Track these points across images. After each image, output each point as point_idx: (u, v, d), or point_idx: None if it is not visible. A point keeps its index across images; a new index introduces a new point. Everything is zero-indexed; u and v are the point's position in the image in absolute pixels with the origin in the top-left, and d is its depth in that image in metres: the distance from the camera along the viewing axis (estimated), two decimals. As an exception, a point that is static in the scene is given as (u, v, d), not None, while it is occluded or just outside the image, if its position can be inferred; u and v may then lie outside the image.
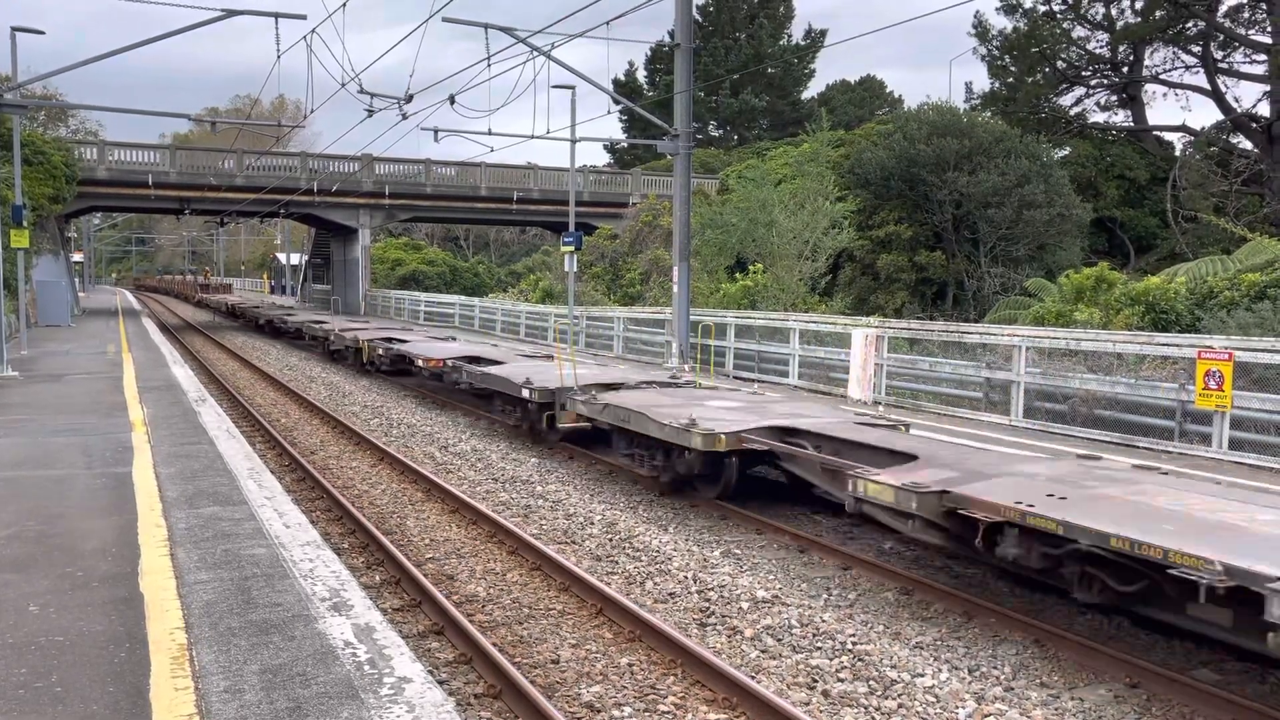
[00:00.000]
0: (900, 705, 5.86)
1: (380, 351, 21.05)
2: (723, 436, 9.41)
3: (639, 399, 11.67)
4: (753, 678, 6.09)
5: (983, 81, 70.47)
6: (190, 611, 5.34)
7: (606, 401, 11.47)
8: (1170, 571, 5.52)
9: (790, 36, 65.47)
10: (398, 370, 20.79)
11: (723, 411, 10.80)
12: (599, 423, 11.65)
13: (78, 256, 65.33)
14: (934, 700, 5.90)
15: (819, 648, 6.71)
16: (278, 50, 18.30)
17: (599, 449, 13.03)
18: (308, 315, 31.83)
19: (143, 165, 40.55)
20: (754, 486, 10.78)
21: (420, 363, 17.81)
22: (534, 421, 13.38)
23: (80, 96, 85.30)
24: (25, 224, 20.51)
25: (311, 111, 21.63)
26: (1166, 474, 8.09)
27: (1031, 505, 6.46)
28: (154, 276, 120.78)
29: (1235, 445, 11.38)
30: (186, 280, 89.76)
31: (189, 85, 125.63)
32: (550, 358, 18.41)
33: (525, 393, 13.00)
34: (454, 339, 23.94)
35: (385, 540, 8.91)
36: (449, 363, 16.87)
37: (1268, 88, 38.28)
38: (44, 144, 33.49)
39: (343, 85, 19.53)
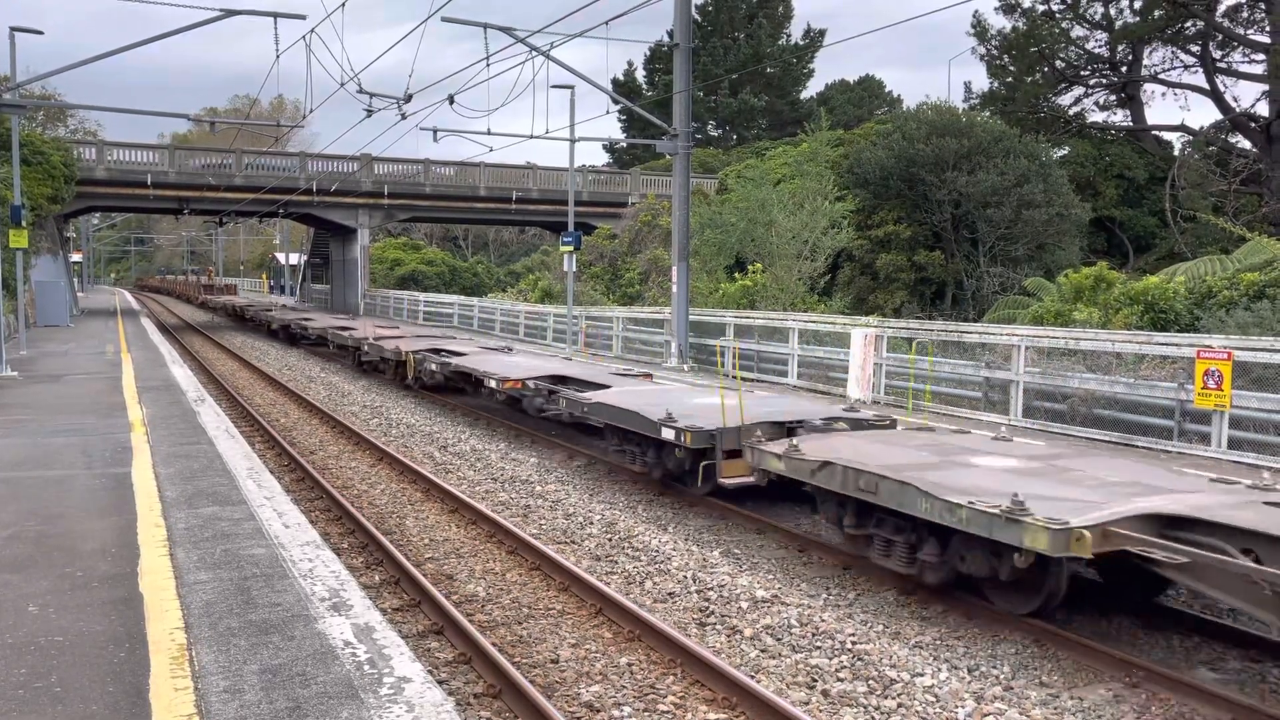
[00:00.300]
0: (900, 705, 5.86)
1: (432, 367, 17.43)
2: (1086, 534, 5.98)
3: (871, 453, 8.18)
4: (752, 677, 6.09)
5: (982, 81, 70.55)
6: (190, 611, 5.34)
7: (825, 459, 7.89)
8: None
9: (789, 36, 65.50)
10: (451, 388, 17.79)
11: (1011, 479, 7.33)
12: (804, 483, 8.28)
13: (76, 257, 65.26)
14: (933, 700, 5.91)
15: (818, 647, 6.71)
16: (276, 50, 18.30)
17: (781, 510, 10.21)
18: (329, 320, 30.09)
19: (141, 165, 40.53)
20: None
21: (494, 384, 14.47)
22: (679, 471, 10.31)
23: (79, 97, 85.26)
24: (24, 224, 20.51)
25: (310, 111, 21.62)
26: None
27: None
28: (154, 277, 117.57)
29: (1234, 444, 11.39)
30: (188, 281, 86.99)
31: (188, 85, 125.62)
32: (649, 376, 15.67)
33: (668, 433, 9.83)
34: (510, 349, 20.79)
35: (384, 540, 8.91)
36: (531, 384, 13.88)
37: (1266, 87, 38.28)
38: (43, 144, 33.47)
39: (342, 85, 19.55)
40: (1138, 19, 40.42)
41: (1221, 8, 39.01)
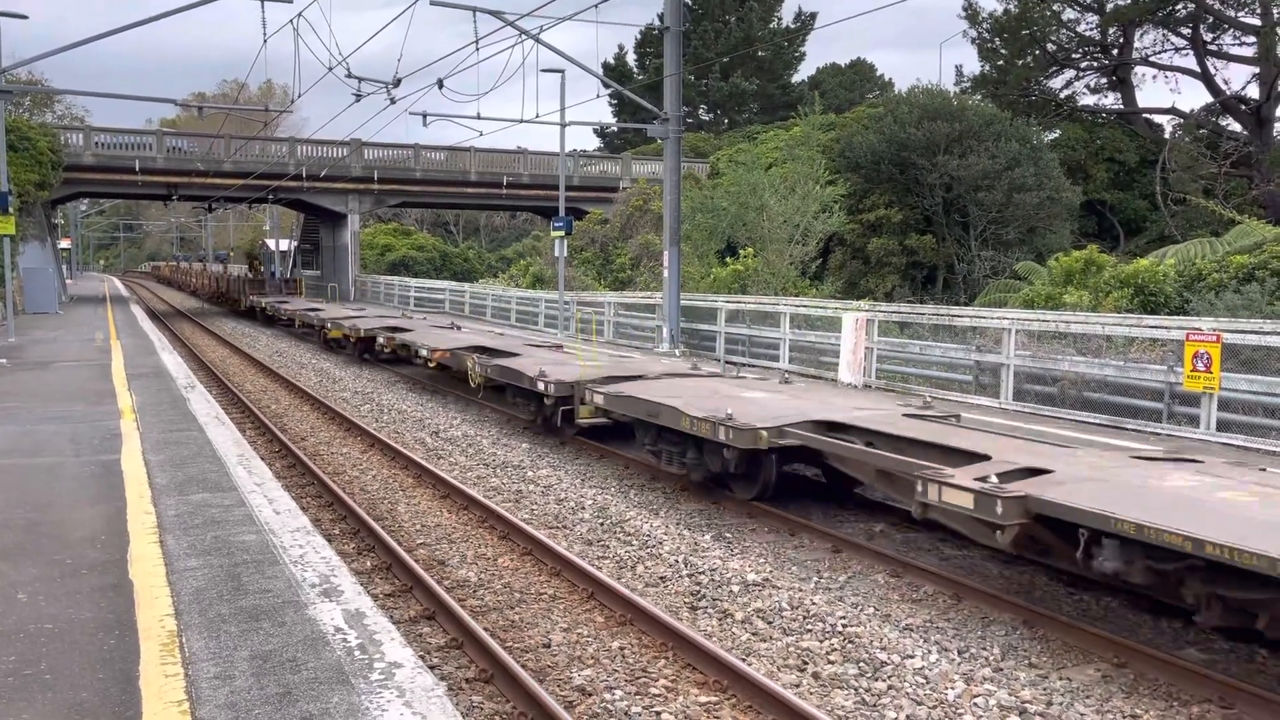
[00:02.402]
0: (890, 687, 5.89)
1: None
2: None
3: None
4: (743, 660, 6.11)
5: (973, 64, 70.30)
6: (180, 598, 5.33)
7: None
8: None
9: (780, 19, 65.21)
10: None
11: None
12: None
13: (65, 243, 64.82)
14: (923, 681, 5.94)
15: (809, 630, 6.74)
16: (264, 34, 18.16)
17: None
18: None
19: (129, 151, 40.26)
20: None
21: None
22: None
23: (66, 82, 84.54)
24: (11, 211, 20.37)
25: (299, 96, 21.49)
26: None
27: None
28: (167, 263, 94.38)
29: (1223, 426, 11.44)
30: (206, 271, 61.29)
31: (176, 71, 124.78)
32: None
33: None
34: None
35: (376, 526, 8.91)
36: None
37: (1257, 69, 38.32)
38: (29, 130, 33.21)
39: (330, 69, 19.43)
40: (1129, 1, 40.38)
41: (1212, -10, 39.01)
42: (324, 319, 25.28)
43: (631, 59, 63.26)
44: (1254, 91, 38.89)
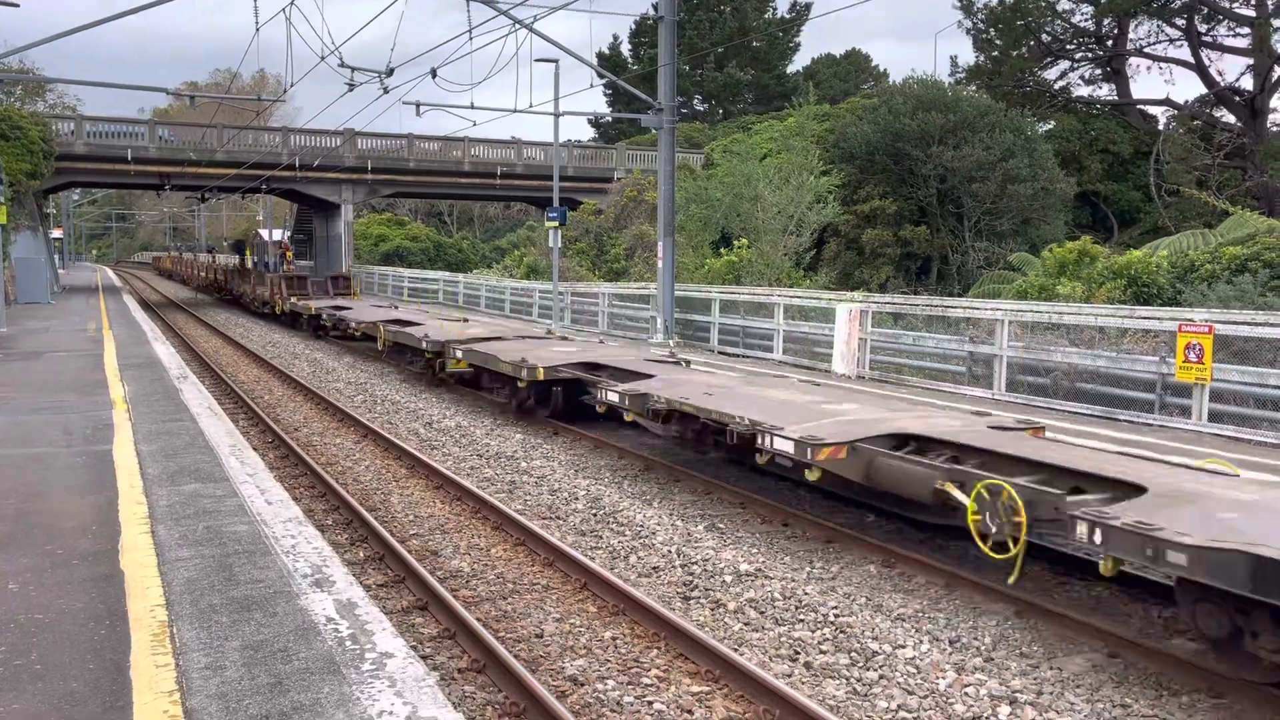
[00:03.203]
0: (881, 676, 5.91)
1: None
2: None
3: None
4: (735, 650, 6.13)
5: (968, 55, 70.29)
6: (171, 589, 5.32)
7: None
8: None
9: (775, 9, 65.13)
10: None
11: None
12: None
13: (57, 233, 64.53)
14: (915, 671, 5.96)
15: (801, 620, 6.75)
16: (256, 22, 18.08)
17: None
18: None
19: (122, 140, 40.08)
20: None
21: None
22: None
23: (58, 71, 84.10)
24: (2, 200, 20.27)
25: (291, 85, 21.41)
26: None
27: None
28: (169, 254, 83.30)
29: (1214, 417, 11.47)
30: (214, 264, 52.08)
31: (168, 60, 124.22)
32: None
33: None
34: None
35: (369, 516, 8.90)
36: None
37: (1251, 61, 38.35)
38: (21, 119, 33.04)
39: (323, 59, 19.34)
40: (1124, -8, 40.36)
41: (1207, -19, 38.99)
42: (442, 341, 15.97)
43: (626, 49, 63.15)
44: (1248, 83, 38.94)
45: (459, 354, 14.85)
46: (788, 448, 7.94)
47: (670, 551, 8.21)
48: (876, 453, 7.68)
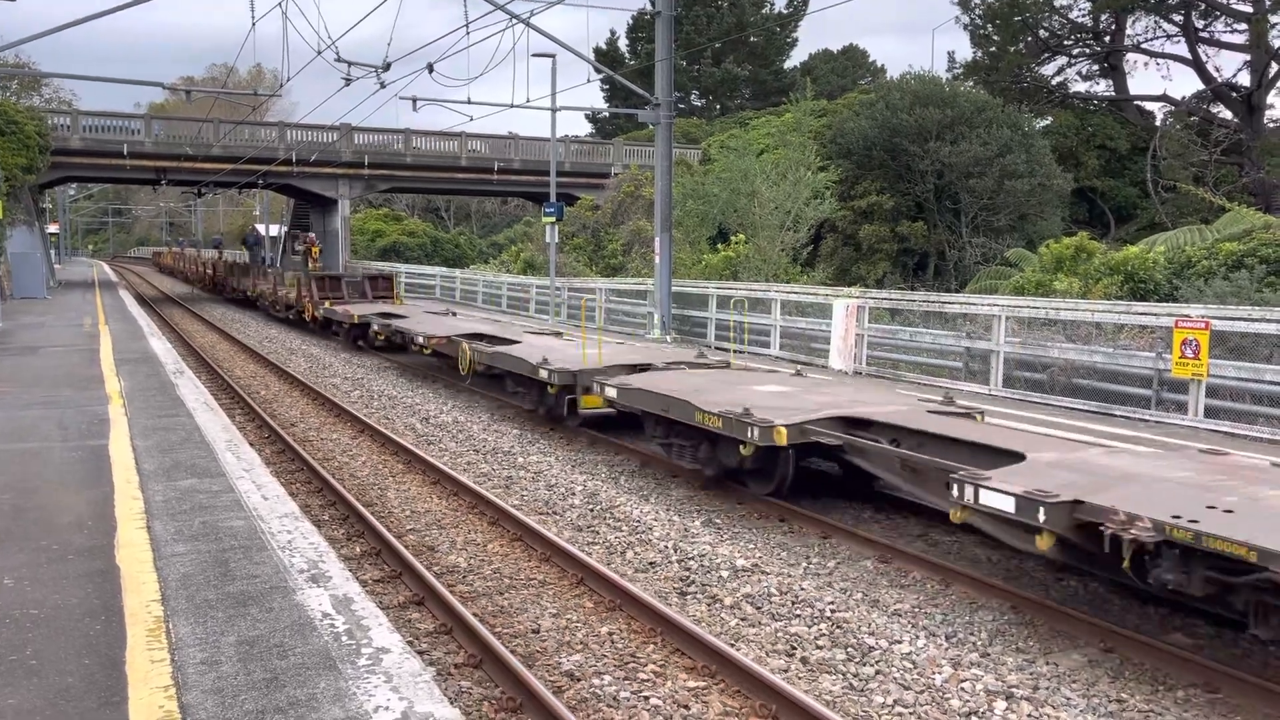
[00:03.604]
0: (878, 672, 5.91)
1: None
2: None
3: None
4: (732, 645, 6.13)
5: (965, 51, 70.36)
6: (167, 584, 5.32)
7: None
8: None
9: (772, 5, 64.96)
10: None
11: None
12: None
13: (53, 228, 64.33)
14: (911, 666, 5.96)
15: (798, 615, 6.75)
16: (253, 17, 18.03)
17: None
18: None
19: (118, 135, 39.97)
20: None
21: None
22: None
23: (53, 65, 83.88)
24: (-3, 195, 20.21)
25: (288, 80, 21.36)
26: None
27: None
28: (171, 250, 78.07)
29: (1211, 413, 11.49)
30: (222, 260, 47.08)
31: (164, 55, 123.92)
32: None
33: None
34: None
35: (365, 512, 8.90)
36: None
37: (1248, 57, 38.34)
38: (16, 113, 32.94)
39: (319, 53, 19.31)
40: (1121, -12, 40.33)
41: (1204, -24, 38.98)
42: (574, 371, 12.02)
43: (623, 44, 63.00)
44: (1245, 79, 38.93)
45: (610, 392, 10.84)
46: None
47: (667, 547, 8.22)
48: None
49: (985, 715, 5.38)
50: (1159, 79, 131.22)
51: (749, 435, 8.42)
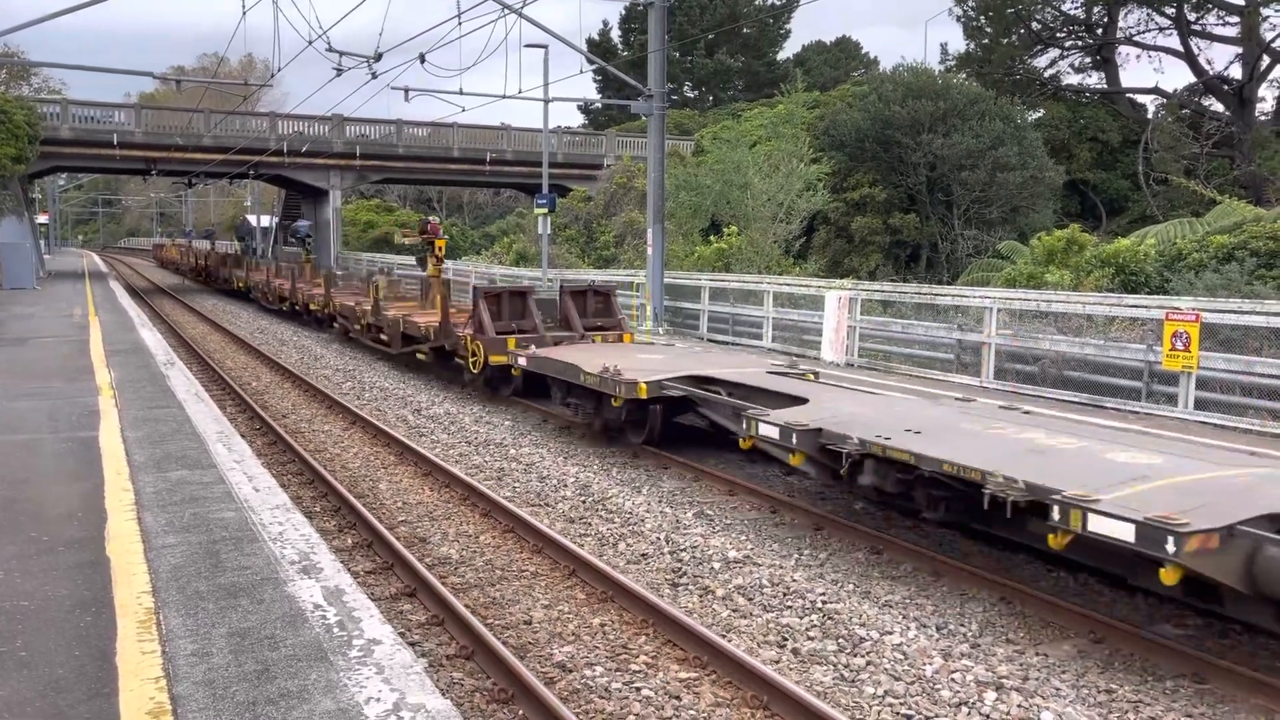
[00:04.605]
0: (869, 663, 5.93)
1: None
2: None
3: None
4: (723, 637, 6.14)
5: (958, 43, 70.17)
6: (158, 575, 5.30)
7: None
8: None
9: (766, -4, 64.83)
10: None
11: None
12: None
13: (43, 218, 63.95)
14: (902, 658, 5.98)
15: (789, 607, 6.77)
16: (243, 6, 17.93)
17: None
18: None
19: (108, 125, 39.76)
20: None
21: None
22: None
23: (43, 55, 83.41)
24: (-14, 185, 20.08)
25: (279, 70, 21.24)
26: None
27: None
28: (175, 242, 69.82)
29: (1201, 405, 11.53)
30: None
31: (154, 45, 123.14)
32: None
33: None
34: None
35: (357, 503, 8.89)
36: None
37: (1240, 50, 38.37)
38: (5, 103, 32.73)
39: (310, 43, 19.21)
40: (1114, -20, 40.30)
41: (1197, -31, 38.99)
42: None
43: (616, 35, 62.87)
44: (1237, 72, 38.97)
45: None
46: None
47: (659, 538, 8.23)
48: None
49: (975, 706, 5.41)
50: (1151, 72, 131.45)
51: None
